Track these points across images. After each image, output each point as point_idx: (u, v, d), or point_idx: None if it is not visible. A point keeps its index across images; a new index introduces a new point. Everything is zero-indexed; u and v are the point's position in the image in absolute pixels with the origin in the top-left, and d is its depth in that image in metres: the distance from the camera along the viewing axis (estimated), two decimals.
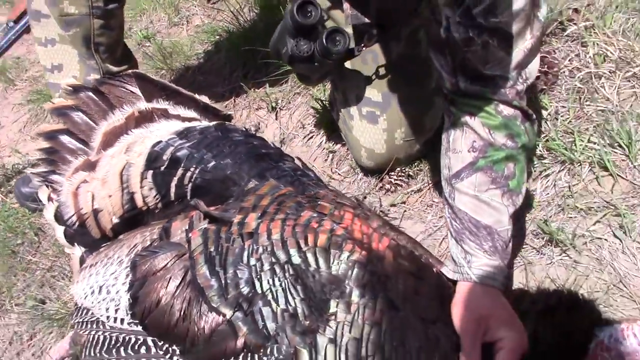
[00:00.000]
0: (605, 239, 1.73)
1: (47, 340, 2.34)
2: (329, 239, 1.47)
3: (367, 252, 1.46)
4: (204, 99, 1.94)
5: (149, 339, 1.57)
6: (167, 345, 1.54)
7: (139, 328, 1.55)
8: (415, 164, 2.13)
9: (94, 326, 1.63)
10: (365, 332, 1.39)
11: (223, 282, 1.46)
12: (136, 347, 1.58)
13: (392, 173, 2.11)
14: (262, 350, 1.42)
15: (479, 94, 1.47)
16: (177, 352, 1.52)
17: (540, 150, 1.97)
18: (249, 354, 1.43)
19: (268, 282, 1.44)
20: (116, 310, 1.58)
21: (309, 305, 1.41)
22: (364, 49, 1.88)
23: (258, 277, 1.45)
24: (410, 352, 1.41)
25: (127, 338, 1.60)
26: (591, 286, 1.68)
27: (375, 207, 2.06)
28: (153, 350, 1.56)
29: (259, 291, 1.43)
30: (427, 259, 1.59)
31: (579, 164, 1.90)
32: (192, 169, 1.69)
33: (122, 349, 1.58)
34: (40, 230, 2.70)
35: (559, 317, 1.49)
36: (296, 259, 1.45)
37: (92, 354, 1.61)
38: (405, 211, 2.06)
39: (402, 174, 2.10)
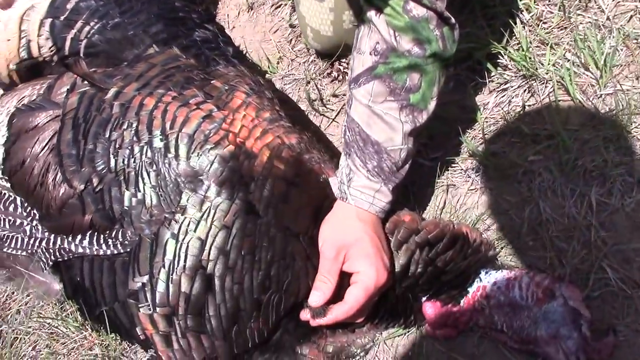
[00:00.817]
0: (540, 173, 1.51)
1: None
2: (199, 125, 1.31)
3: (236, 147, 1.30)
4: None
5: (18, 199, 1.50)
6: (29, 208, 1.47)
7: (8, 185, 1.48)
8: None
9: None
10: (211, 234, 1.26)
11: (81, 152, 1.35)
12: (6, 204, 1.52)
13: (344, 60, 1.88)
14: (107, 232, 1.33)
15: None
16: (37, 217, 1.45)
17: (505, 61, 1.70)
18: (96, 234, 1.35)
19: (123, 162, 1.31)
20: None
21: (157, 194, 1.29)
22: None
23: (114, 154, 1.32)
24: (259, 263, 1.28)
25: (1, 192, 1.54)
26: (506, 223, 1.49)
27: (313, 93, 1.86)
28: (19, 210, 1.50)
29: (112, 170, 1.31)
30: (320, 164, 1.42)
31: (542, 82, 1.63)
32: (92, 24, 1.53)
33: None
34: None
35: (438, 252, 1.33)
36: (157, 142, 1.31)
37: None
38: (345, 104, 1.85)
39: None
